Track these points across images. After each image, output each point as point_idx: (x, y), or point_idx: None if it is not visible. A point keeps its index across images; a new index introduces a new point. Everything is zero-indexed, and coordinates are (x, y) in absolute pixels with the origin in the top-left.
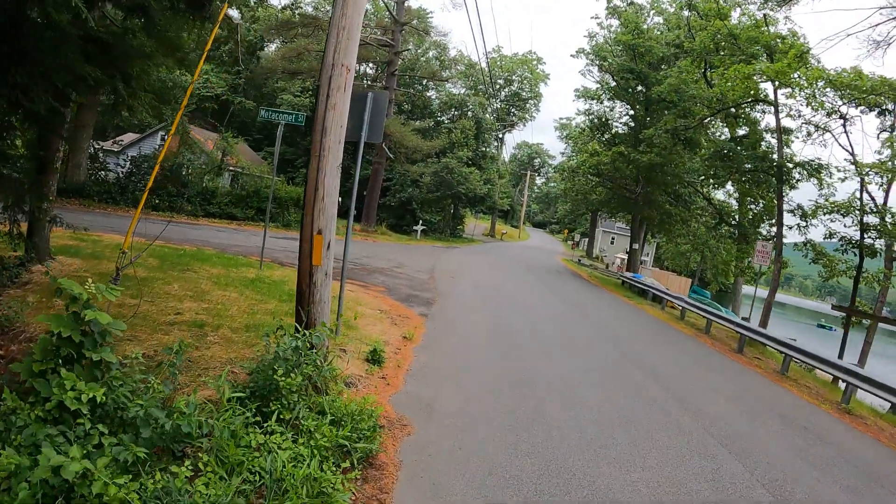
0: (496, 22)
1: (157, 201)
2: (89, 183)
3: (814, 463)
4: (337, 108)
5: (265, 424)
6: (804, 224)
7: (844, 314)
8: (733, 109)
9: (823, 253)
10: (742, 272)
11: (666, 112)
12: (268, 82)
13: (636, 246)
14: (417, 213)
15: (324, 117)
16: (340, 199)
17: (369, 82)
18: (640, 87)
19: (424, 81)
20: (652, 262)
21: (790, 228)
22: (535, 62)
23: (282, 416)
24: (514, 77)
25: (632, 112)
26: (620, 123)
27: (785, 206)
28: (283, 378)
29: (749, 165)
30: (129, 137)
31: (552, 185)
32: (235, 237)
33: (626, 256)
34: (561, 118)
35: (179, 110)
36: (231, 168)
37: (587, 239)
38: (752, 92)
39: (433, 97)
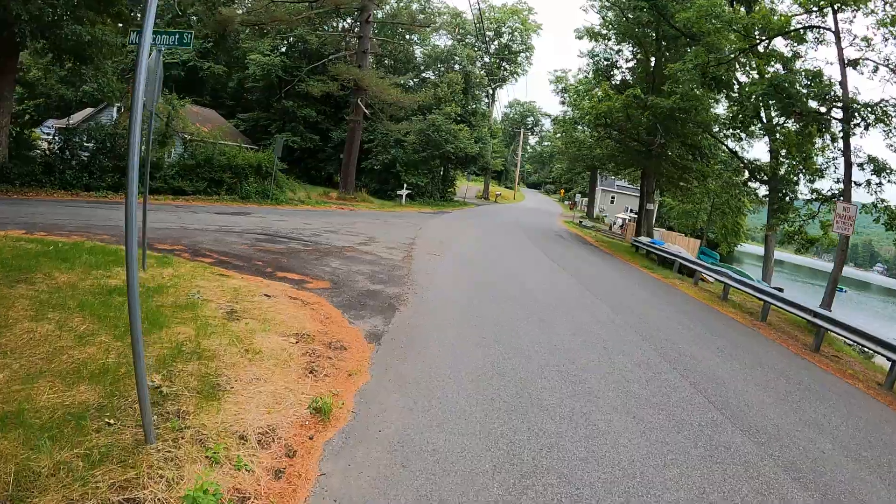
0: None
1: (88, 180)
2: (9, 165)
3: None
4: None
5: None
6: (878, 181)
7: None
8: (779, 38)
9: None
10: (791, 238)
11: (687, 49)
12: (238, 45)
13: (650, 206)
14: (402, 177)
15: None
16: (321, 165)
17: (344, 34)
18: (648, 30)
19: (407, 35)
20: (653, 221)
21: (858, 185)
22: (526, 12)
23: None
24: (503, 29)
25: (640, 56)
26: (627, 69)
27: (853, 159)
28: None
29: (813, 104)
30: (84, 113)
31: (546, 143)
32: (162, 217)
33: (627, 216)
34: (556, 70)
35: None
36: (181, 135)
37: (586, 199)
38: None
39: (417, 52)
